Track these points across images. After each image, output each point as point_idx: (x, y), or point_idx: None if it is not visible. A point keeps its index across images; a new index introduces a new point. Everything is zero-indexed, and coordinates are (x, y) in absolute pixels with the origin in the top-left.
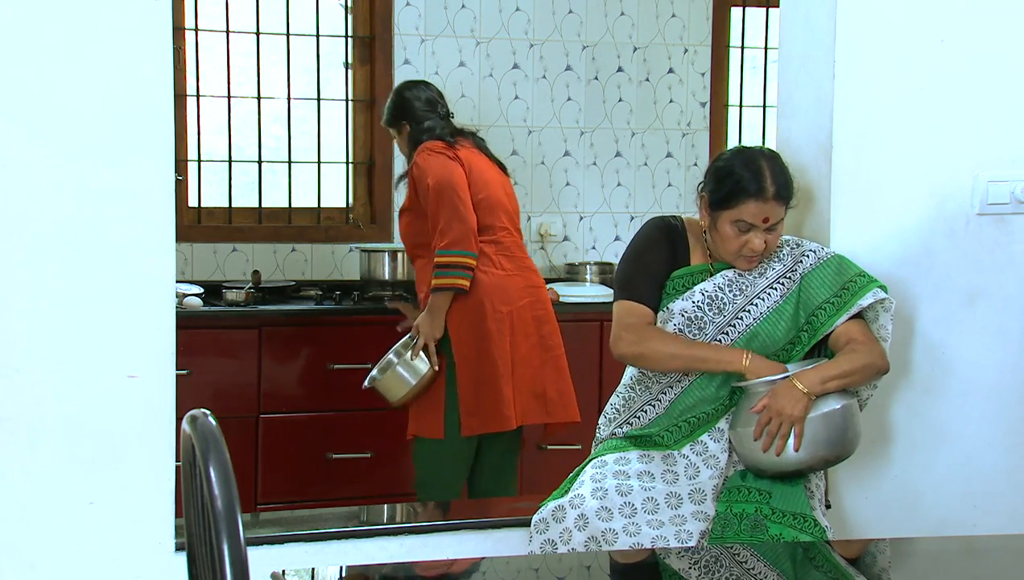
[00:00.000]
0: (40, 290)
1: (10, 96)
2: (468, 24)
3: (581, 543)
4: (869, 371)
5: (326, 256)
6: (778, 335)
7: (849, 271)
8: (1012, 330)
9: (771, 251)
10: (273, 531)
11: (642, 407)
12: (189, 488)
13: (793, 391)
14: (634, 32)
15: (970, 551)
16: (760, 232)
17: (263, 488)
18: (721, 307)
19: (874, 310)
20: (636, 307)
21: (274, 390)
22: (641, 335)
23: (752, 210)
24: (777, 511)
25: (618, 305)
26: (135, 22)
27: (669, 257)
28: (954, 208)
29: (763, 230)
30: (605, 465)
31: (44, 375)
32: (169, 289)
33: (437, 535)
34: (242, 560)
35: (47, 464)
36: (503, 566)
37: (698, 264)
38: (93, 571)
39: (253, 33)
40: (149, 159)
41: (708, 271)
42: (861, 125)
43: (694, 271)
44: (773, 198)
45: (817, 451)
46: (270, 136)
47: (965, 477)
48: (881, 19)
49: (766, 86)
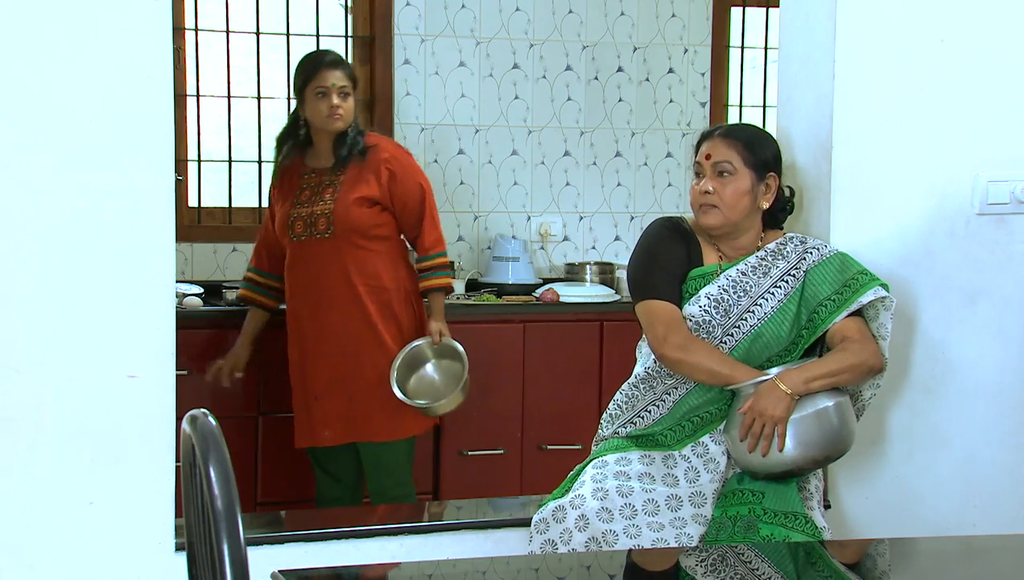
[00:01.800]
0: (40, 290)
1: (10, 96)
2: (468, 24)
3: (581, 543)
4: (859, 370)
5: None
6: (783, 335)
7: (851, 269)
8: (1012, 330)
9: (725, 202)
10: (273, 531)
11: (646, 407)
12: (189, 488)
13: (775, 392)
14: (634, 32)
15: (970, 551)
16: (708, 178)
17: (263, 488)
18: (727, 310)
19: (874, 308)
20: (669, 307)
21: (274, 390)
22: (687, 341)
23: (702, 150)
24: (769, 511)
25: (648, 305)
26: (135, 22)
27: (684, 255)
28: (954, 208)
29: (713, 176)
30: (606, 465)
31: (44, 375)
32: (169, 289)
33: (437, 535)
34: (242, 560)
35: (47, 464)
36: (503, 566)
37: (711, 264)
38: (93, 571)
39: (253, 33)
40: (149, 159)
41: (716, 272)
42: (861, 125)
43: (707, 272)
44: (719, 136)
45: (808, 451)
46: (270, 136)
47: (965, 477)
48: (881, 19)
49: (766, 86)
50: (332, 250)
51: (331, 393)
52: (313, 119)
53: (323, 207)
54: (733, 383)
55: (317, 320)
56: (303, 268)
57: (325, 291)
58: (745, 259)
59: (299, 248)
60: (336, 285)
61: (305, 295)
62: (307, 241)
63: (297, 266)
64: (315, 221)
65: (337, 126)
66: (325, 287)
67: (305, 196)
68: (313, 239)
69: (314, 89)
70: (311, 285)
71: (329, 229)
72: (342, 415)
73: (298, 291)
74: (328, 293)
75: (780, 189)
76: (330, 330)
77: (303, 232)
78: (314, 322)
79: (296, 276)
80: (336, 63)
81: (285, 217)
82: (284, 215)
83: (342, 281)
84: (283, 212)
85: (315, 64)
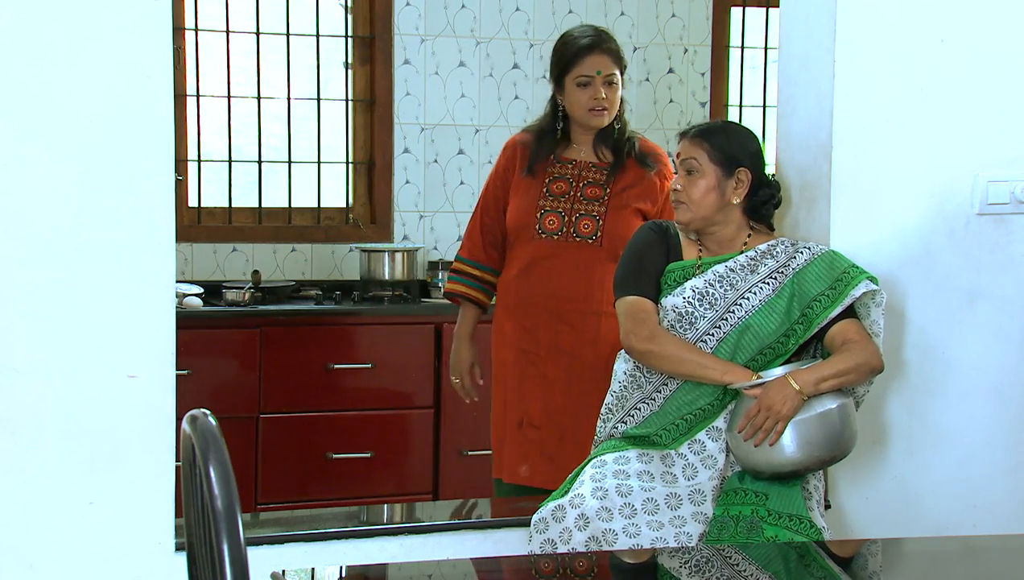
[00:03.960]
0: (40, 290)
1: (10, 96)
2: (468, 24)
3: (581, 543)
4: (864, 370)
5: (326, 256)
6: (770, 328)
7: (841, 264)
8: (1012, 330)
9: (692, 199)
10: (273, 531)
11: (635, 405)
12: (189, 488)
13: (786, 388)
14: (634, 32)
15: (969, 551)
16: (679, 176)
17: (263, 488)
18: (712, 302)
19: (865, 305)
20: (642, 302)
21: (274, 390)
22: (653, 333)
23: (676, 149)
24: (774, 513)
25: (624, 301)
26: (135, 22)
27: (663, 254)
28: (954, 208)
29: (682, 174)
30: (604, 465)
31: (44, 375)
32: (169, 289)
33: (437, 535)
34: (242, 560)
35: (47, 464)
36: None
37: (691, 258)
38: (93, 571)
39: (253, 33)
40: (149, 159)
41: (696, 265)
42: (861, 125)
43: (685, 265)
44: (689, 136)
45: (813, 451)
46: (270, 136)
47: (965, 477)
48: (881, 19)
49: (766, 86)
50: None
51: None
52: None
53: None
54: (711, 370)
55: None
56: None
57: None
58: (734, 257)
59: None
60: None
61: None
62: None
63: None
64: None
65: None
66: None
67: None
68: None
69: (575, 78)
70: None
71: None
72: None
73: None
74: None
75: (758, 183)
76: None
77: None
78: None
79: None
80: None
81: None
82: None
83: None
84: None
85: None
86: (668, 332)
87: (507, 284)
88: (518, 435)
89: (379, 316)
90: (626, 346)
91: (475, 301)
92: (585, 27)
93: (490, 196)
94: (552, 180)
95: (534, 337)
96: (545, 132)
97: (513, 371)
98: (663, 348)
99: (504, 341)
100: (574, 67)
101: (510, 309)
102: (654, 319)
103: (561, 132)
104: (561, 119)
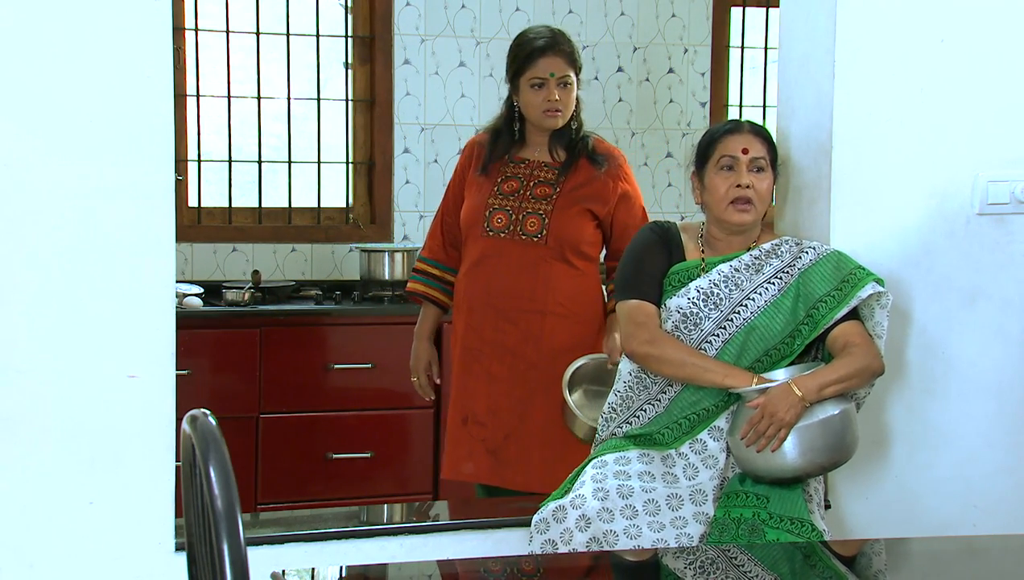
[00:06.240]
0: (40, 290)
1: (10, 96)
2: (468, 24)
3: (582, 544)
4: (866, 374)
5: (326, 256)
6: (776, 328)
7: (848, 265)
8: (1012, 330)
9: (762, 198)
10: (273, 531)
11: (641, 406)
12: (189, 488)
13: (789, 396)
14: (634, 32)
15: (969, 551)
16: (746, 173)
17: (263, 488)
18: (717, 302)
19: (869, 307)
20: (644, 305)
21: (274, 390)
22: (655, 336)
23: (736, 143)
24: (775, 516)
25: (625, 305)
26: (135, 22)
27: (666, 257)
28: (954, 208)
29: (751, 171)
30: (605, 465)
31: (44, 375)
32: (169, 289)
33: (437, 535)
34: (242, 560)
35: (47, 464)
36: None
37: (693, 260)
38: (93, 571)
39: (253, 33)
40: (149, 159)
41: (700, 266)
42: (861, 125)
43: (689, 266)
44: (750, 132)
45: (815, 458)
46: (270, 136)
47: (965, 477)
48: (881, 19)
49: (766, 86)
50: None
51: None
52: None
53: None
54: (713, 373)
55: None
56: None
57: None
58: (739, 256)
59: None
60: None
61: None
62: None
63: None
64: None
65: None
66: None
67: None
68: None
69: (528, 80)
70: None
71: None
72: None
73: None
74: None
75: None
76: None
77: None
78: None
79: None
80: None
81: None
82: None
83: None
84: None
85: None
86: (669, 336)
87: (458, 282)
88: (463, 432)
89: (379, 316)
90: (627, 350)
91: (435, 301)
92: (541, 28)
93: (450, 196)
94: (504, 179)
95: (479, 334)
96: (501, 132)
97: (459, 368)
98: (664, 352)
99: (455, 339)
100: (528, 69)
101: (459, 307)
102: (655, 323)
103: (518, 132)
104: (517, 119)
